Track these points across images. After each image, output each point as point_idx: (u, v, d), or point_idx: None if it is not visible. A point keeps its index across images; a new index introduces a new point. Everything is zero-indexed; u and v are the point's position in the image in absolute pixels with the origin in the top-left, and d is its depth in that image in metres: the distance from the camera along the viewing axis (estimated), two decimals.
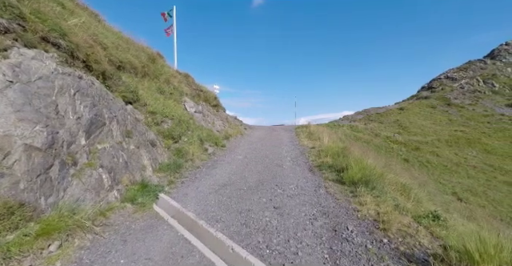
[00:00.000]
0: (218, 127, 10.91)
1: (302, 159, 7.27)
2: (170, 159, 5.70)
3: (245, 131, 13.91)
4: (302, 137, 12.14)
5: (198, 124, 8.60)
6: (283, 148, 9.12)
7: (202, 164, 6.44)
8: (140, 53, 7.89)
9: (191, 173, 5.64)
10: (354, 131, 25.11)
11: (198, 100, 11.73)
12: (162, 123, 6.38)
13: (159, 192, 4.20)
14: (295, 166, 6.46)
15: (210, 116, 11.47)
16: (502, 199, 17.50)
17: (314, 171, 5.86)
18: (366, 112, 34.23)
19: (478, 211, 13.90)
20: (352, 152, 6.76)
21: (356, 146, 12.51)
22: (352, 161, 5.32)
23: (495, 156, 25.00)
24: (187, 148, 6.49)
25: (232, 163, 6.77)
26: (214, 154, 7.72)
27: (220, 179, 5.22)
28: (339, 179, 4.86)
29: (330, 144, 8.39)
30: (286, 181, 5.08)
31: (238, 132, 12.28)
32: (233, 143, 9.84)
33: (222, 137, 9.94)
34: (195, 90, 12.35)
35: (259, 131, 15.10)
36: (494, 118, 30.52)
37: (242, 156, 7.65)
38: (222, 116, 13.56)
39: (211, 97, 13.65)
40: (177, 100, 8.52)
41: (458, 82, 36.73)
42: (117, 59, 5.80)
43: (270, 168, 6.14)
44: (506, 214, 15.55)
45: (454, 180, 19.45)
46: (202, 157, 6.97)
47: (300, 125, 19.63)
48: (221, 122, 11.97)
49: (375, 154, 12.28)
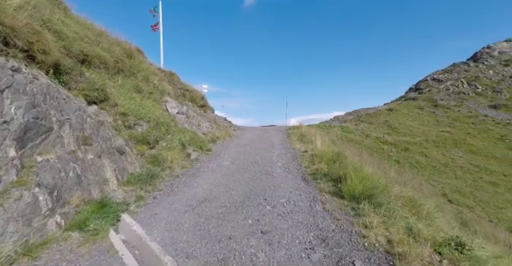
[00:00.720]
0: (205, 129, 10.10)
1: (294, 165, 6.61)
2: (142, 169, 4.87)
3: (234, 133, 13.16)
4: (294, 139, 11.51)
5: (180, 127, 7.78)
6: (274, 152, 8.44)
7: (182, 173, 5.65)
8: (114, 47, 6.98)
9: (167, 184, 4.84)
10: (345, 132, 24.86)
11: (183, 100, 10.87)
12: (136, 126, 5.54)
13: (122, 212, 3.40)
14: (287, 173, 5.78)
15: (196, 117, 10.65)
16: (488, 200, 17.61)
17: (307, 180, 5.20)
18: (357, 113, 34.21)
19: (468, 213, 13.78)
20: (348, 158, 6.16)
21: (349, 149, 12.02)
22: (350, 169, 4.70)
23: (480, 157, 25.41)
24: (165, 154, 5.67)
25: (217, 170, 6.01)
26: (198, 160, 6.93)
27: (200, 192, 4.45)
28: (337, 192, 4.21)
29: (324, 148, 7.78)
30: (276, 194, 4.38)
31: (226, 134, 11.51)
32: (220, 147, 9.07)
33: (208, 140, 9.15)
34: (180, 89, 11.48)
35: (249, 133, 14.37)
36: (478, 119, 31.18)
37: (228, 162, 6.90)
38: (209, 117, 12.74)
39: (198, 97, 12.81)
40: (157, 100, 7.66)
41: (444, 83, 37.42)
42: (79, 52, 4.91)
43: (259, 177, 5.42)
44: (493, 215, 15.58)
45: (443, 181, 19.48)
46: (183, 164, 6.17)
47: (291, 126, 19.06)
48: (208, 124, 11.16)
49: (371, 158, 11.86)
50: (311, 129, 15.66)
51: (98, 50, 5.86)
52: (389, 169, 11.73)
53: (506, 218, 15.30)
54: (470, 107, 32.90)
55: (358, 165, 4.96)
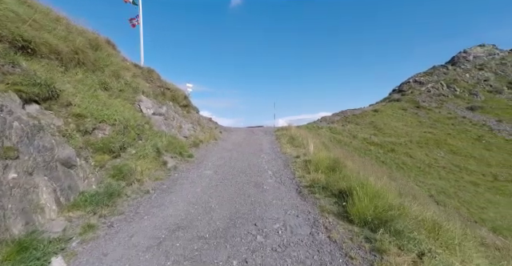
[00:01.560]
0: (186, 132, 9.06)
1: (286, 173, 5.79)
2: (100, 185, 3.84)
3: (220, 135, 12.18)
4: (284, 142, 10.74)
5: (156, 130, 6.72)
6: (263, 158, 7.59)
7: (154, 186, 4.64)
8: (74, 36, 5.82)
9: (132, 204, 3.83)
10: (334, 133, 24.57)
11: (163, 99, 9.76)
12: (96, 131, 4.46)
13: (53, 256, 2.39)
14: (279, 185, 4.95)
15: (177, 119, 9.58)
16: (471, 200, 17.86)
17: (303, 194, 4.39)
18: (343, 114, 34.26)
19: (455, 214, 13.74)
20: (348, 166, 5.44)
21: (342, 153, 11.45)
22: (354, 182, 3.95)
23: (460, 157, 26.09)
24: (133, 164, 4.64)
25: (197, 182, 5.06)
26: (176, 169, 5.93)
27: (173, 215, 3.50)
28: (342, 213, 3.42)
29: (318, 153, 7.04)
30: (268, 215, 3.52)
31: (211, 137, 10.52)
32: (203, 152, 8.09)
33: (189, 144, 8.14)
34: (160, 87, 10.34)
35: (236, 135, 13.45)
36: (457, 121, 32.20)
37: (212, 171, 5.96)
38: (193, 118, 11.69)
39: (180, 96, 11.70)
40: (128, 99, 6.55)
41: (425, 86, 38.46)
42: (16, 36, 3.79)
43: (247, 191, 4.55)
44: (477, 215, 15.73)
45: (428, 182, 19.62)
46: (157, 175, 5.16)
47: (280, 127, 18.35)
48: (190, 126, 10.12)
49: (372, 166, 11.30)
50: (301, 131, 15.01)
51: (49, 36, 4.71)
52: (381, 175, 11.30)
53: (488, 218, 15.48)
54: (449, 109, 33.95)
55: (362, 177, 4.22)
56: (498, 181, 21.83)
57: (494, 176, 22.83)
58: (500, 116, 32.55)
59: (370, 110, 34.84)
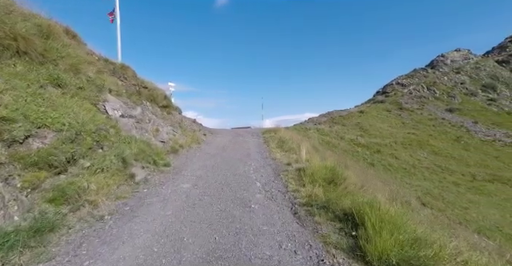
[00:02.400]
0: (165, 136, 7.99)
1: (277, 186, 4.95)
2: (28, 215, 2.78)
3: (203, 138, 11.16)
4: (273, 146, 9.93)
5: (125, 135, 5.63)
6: (251, 165, 6.72)
7: (112, 209, 3.61)
8: (14, 19, 4.64)
9: (73, 241, 2.80)
10: (321, 135, 24.20)
11: (138, 99, 8.61)
12: (30, 140, 3.37)
13: None
14: (270, 202, 4.10)
15: (155, 121, 8.47)
16: (454, 201, 18.04)
17: (300, 216, 3.56)
18: (330, 115, 34.22)
19: (442, 217, 13.66)
20: (349, 177, 4.69)
21: (331, 155, 10.82)
22: (361, 200, 3.19)
23: (441, 157, 26.71)
24: (85, 182, 3.59)
25: (170, 200, 4.08)
26: (147, 182, 4.91)
27: (126, 259, 2.51)
28: (354, 248, 2.62)
29: (312, 160, 6.29)
30: (257, 252, 2.65)
31: (193, 141, 9.49)
32: (183, 159, 7.07)
33: (167, 150, 7.09)
34: (135, 85, 9.17)
35: (222, 137, 12.48)
36: (437, 122, 33.17)
37: (190, 184, 5.00)
38: (173, 120, 10.58)
39: (160, 96, 10.55)
40: (89, 98, 5.41)
41: (407, 88, 39.41)
42: None
43: (231, 212, 3.65)
44: (461, 216, 15.81)
45: (414, 183, 19.70)
46: (120, 192, 4.12)
47: (267, 129, 17.58)
48: (170, 129, 9.03)
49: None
50: (289, 133, 14.30)
51: None
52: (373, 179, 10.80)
53: (471, 219, 15.59)
54: (430, 110, 34.91)
55: (368, 194, 3.47)
56: (476, 181, 22.42)
57: (473, 176, 23.48)
58: (476, 118, 33.95)
59: (355, 112, 35.06)
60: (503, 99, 37.51)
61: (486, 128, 31.82)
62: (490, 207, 17.93)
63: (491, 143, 29.29)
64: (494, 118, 34.39)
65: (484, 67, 42.55)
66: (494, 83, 39.32)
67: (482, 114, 35.21)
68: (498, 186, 22.18)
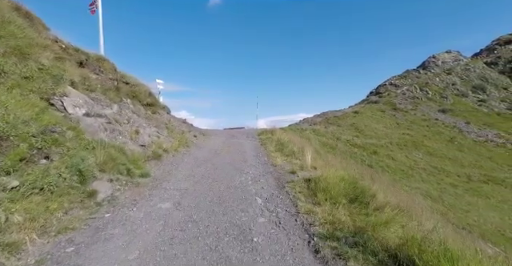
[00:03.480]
0: (146, 139, 6.74)
1: (284, 203, 3.84)
2: None
3: (194, 141, 9.93)
4: (271, 149, 8.83)
5: (88, 138, 4.38)
6: (248, 173, 5.59)
7: (44, 253, 2.39)
8: None
9: None
10: (318, 136, 23.31)
11: (116, 96, 7.32)
12: None
13: None
14: (278, 232, 2.97)
15: (136, 121, 7.20)
16: (454, 203, 17.49)
17: (325, 258, 2.45)
18: (325, 115, 33.50)
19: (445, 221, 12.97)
20: (378, 193, 3.62)
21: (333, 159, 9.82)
22: (421, 243, 2.12)
23: (437, 158, 26.36)
24: (2, 213, 2.37)
25: (138, 233, 2.89)
26: (113, 201, 3.68)
27: None
28: None
29: (319, 166, 5.22)
30: None
31: (181, 144, 8.26)
32: (166, 167, 5.85)
33: (147, 157, 5.85)
34: (112, 80, 7.87)
35: (215, 139, 11.28)
36: (431, 122, 33.00)
37: (170, 203, 3.81)
38: (159, 120, 9.31)
39: (143, 92, 9.26)
40: (40, 91, 4.14)
41: (401, 88, 39.23)
42: None
43: (225, 253, 2.50)
44: (464, 220, 15.22)
45: (413, 185, 19.07)
46: (66, 222, 2.89)
47: (263, 130, 16.48)
48: (154, 130, 7.77)
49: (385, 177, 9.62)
50: (287, 134, 13.25)
51: None
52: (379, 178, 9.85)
53: (474, 223, 15.00)
54: (423, 111, 34.75)
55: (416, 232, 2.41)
56: (472, 182, 22.07)
57: (468, 177, 23.15)
58: (467, 118, 34.02)
59: (350, 112, 34.49)
60: (492, 100, 37.88)
61: (478, 129, 31.85)
62: (489, 210, 17.43)
63: (484, 143, 29.26)
64: (484, 118, 34.58)
65: (474, 69, 42.97)
66: (484, 85, 39.70)
67: (473, 114, 35.35)
68: (493, 187, 21.86)
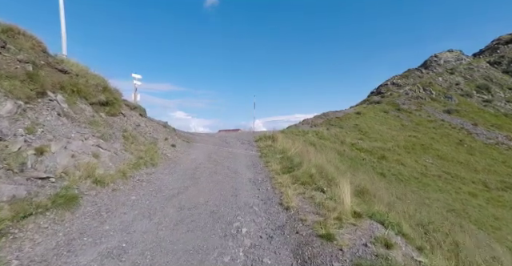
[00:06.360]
0: (61, 162, 3.84)
1: None
2: None
3: (168, 153, 7.06)
4: (276, 167, 6.03)
5: None
6: (240, 235, 2.78)
7: None
8: None
9: None
10: (321, 139, 20.62)
11: (25, 87, 4.42)
12: None
13: None
14: None
15: (57, 129, 4.31)
16: (480, 218, 14.91)
17: None
18: (326, 116, 30.91)
19: (486, 246, 10.48)
20: None
21: (368, 179, 7.12)
22: None
23: (448, 162, 24.01)
24: None
25: None
26: None
27: None
28: None
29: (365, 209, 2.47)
30: None
31: (140, 163, 5.39)
32: (78, 222, 2.98)
33: (40, 203, 2.96)
34: (25, 63, 4.92)
35: (200, 149, 8.44)
36: (437, 124, 30.75)
37: None
38: (115, 126, 6.41)
39: (92, 86, 6.36)
40: None
41: (403, 88, 36.98)
42: None
43: None
44: (500, 241, 12.85)
45: (431, 196, 16.55)
46: None
47: (261, 133, 13.70)
48: (92, 143, 4.86)
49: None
50: (291, 140, 10.47)
51: None
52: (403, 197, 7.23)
53: (509, 244, 12.65)
54: (428, 112, 32.52)
55: None
56: (491, 190, 19.74)
57: (484, 184, 20.78)
58: (475, 120, 31.91)
59: (352, 113, 32.01)
60: (498, 101, 35.93)
61: (487, 130, 29.74)
62: None
63: (495, 146, 27.10)
64: (492, 119, 32.54)
65: (477, 68, 41.03)
66: (488, 84, 37.75)
67: (479, 115, 33.30)
68: None
